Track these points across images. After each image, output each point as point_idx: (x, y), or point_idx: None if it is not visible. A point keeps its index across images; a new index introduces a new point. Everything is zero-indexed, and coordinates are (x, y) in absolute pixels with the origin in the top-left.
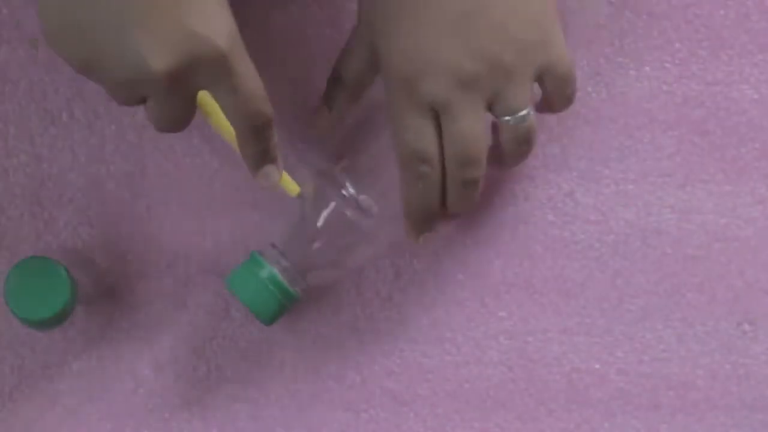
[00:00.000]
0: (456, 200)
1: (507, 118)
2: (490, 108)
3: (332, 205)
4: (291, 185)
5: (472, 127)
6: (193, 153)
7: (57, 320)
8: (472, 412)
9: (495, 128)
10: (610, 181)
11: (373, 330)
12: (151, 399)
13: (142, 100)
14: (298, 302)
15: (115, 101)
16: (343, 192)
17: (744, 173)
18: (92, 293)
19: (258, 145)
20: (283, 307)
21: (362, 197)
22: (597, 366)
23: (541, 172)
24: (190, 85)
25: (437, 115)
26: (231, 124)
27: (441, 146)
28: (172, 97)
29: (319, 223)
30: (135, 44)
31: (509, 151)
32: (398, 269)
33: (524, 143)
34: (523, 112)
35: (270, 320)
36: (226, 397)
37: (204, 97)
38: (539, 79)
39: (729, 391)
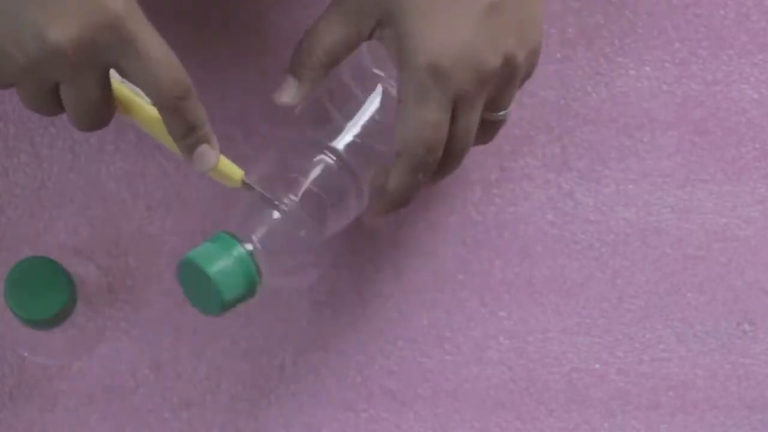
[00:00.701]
0: (433, 182)
1: (498, 113)
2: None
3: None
4: (233, 169)
5: (476, 121)
6: None
7: (57, 320)
8: (472, 412)
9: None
10: (610, 181)
11: (373, 330)
12: (151, 399)
13: (56, 93)
14: (252, 296)
15: (31, 107)
16: (326, 152)
17: (744, 173)
18: (92, 293)
19: (183, 119)
20: (245, 295)
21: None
22: (597, 366)
23: (541, 172)
24: (96, 58)
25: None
26: (151, 100)
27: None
28: (82, 75)
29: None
30: (32, 20)
31: (476, 140)
32: (398, 269)
33: (492, 135)
34: (508, 110)
35: (226, 304)
36: (226, 397)
37: (120, 88)
38: None
39: (729, 391)
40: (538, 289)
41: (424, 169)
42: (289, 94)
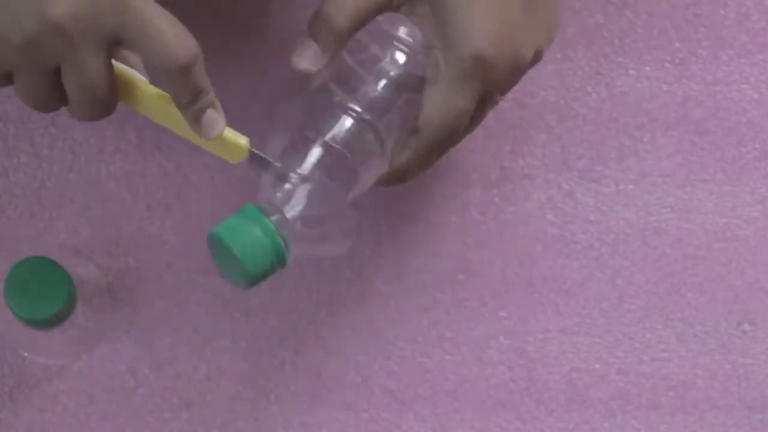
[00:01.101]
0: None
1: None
2: None
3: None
4: (238, 138)
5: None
6: (193, 153)
7: (57, 320)
8: (472, 412)
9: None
10: (610, 181)
11: (373, 330)
12: (151, 399)
13: (56, 80)
14: (283, 267)
15: (30, 99)
16: (349, 111)
17: (744, 173)
18: (92, 293)
19: (192, 85)
20: (273, 268)
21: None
22: (597, 366)
23: (541, 172)
24: (97, 31)
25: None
26: (159, 67)
27: None
28: (83, 51)
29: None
30: None
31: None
32: (398, 269)
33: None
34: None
35: (253, 279)
36: (226, 397)
37: (120, 68)
38: None
39: (729, 391)
40: (538, 289)
41: (439, 153)
42: (310, 60)
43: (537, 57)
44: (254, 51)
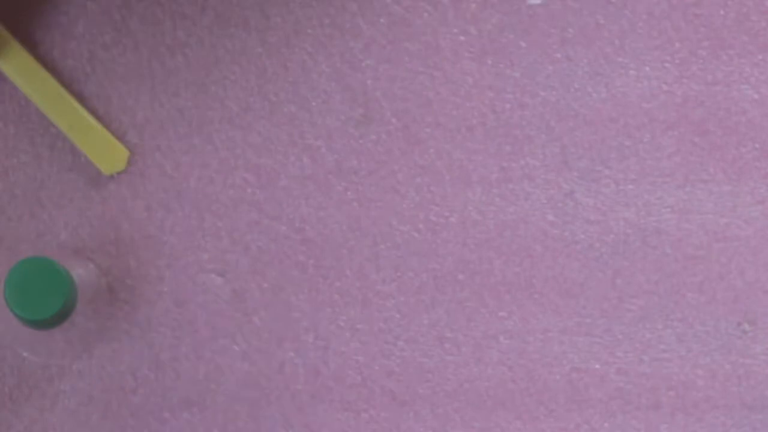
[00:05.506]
0: None
1: None
2: None
3: None
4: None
5: None
6: (193, 152)
7: (57, 320)
8: (472, 412)
9: None
10: (610, 181)
11: (373, 330)
12: (151, 399)
13: None
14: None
15: None
16: None
17: (744, 173)
18: (92, 293)
19: None
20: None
21: None
22: (597, 366)
23: (541, 172)
24: None
25: None
26: None
27: None
28: None
29: None
30: None
31: None
32: (398, 269)
33: None
34: None
35: None
36: (226, 397)
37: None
38: None
39: (729, 391)
40: (538, 289)
41: None
42: None
43: None
44: (254, 51)
